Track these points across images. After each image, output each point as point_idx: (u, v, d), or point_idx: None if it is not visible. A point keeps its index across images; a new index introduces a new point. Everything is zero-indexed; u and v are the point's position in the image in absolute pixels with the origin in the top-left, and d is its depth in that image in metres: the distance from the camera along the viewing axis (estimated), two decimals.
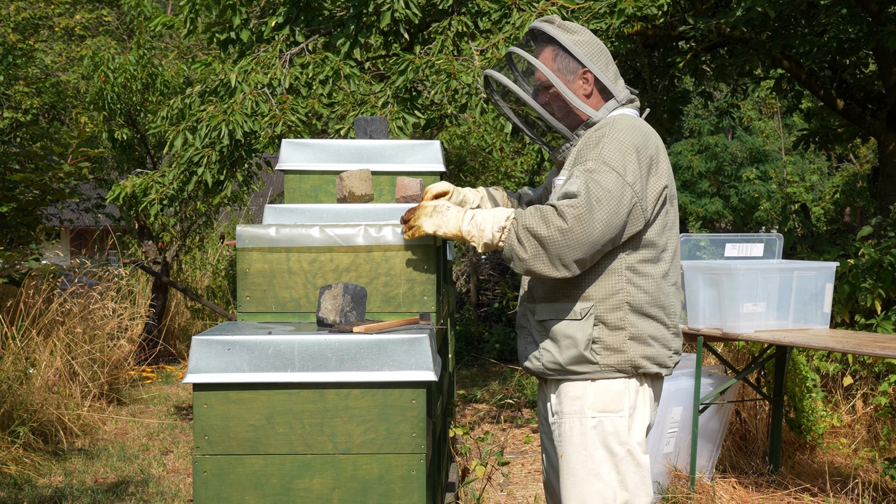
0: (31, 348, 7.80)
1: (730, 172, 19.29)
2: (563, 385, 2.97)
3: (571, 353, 2.92)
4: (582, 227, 2.75)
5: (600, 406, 2.93)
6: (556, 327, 2.94)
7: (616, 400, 2.94)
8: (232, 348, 2.51)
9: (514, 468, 6.56)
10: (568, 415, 2.96)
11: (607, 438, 2.93)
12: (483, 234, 2.86)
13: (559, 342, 2.94)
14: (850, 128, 10.85)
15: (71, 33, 17.33)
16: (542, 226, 2.77)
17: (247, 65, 7.05)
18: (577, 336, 2.91)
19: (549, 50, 3.06)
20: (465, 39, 6.91)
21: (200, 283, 13.77)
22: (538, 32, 3.11)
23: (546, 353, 2.98)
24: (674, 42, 9.70)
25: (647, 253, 2.94)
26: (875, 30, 7.99)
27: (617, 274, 2.91)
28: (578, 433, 2.94)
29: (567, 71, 3.04)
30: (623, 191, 2.81)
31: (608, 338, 2.91)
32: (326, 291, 2.70)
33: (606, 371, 2.92)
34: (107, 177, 12.49)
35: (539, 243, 2.78)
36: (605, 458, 2.92)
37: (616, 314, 2.91)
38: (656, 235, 2.95)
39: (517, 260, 2.82)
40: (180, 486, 6.19)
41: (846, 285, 6.75)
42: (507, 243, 2.83)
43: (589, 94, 3.05)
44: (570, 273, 2.80)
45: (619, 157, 2.85)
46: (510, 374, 10.46)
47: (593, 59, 3.03)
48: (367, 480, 2.53)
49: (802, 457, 6.39)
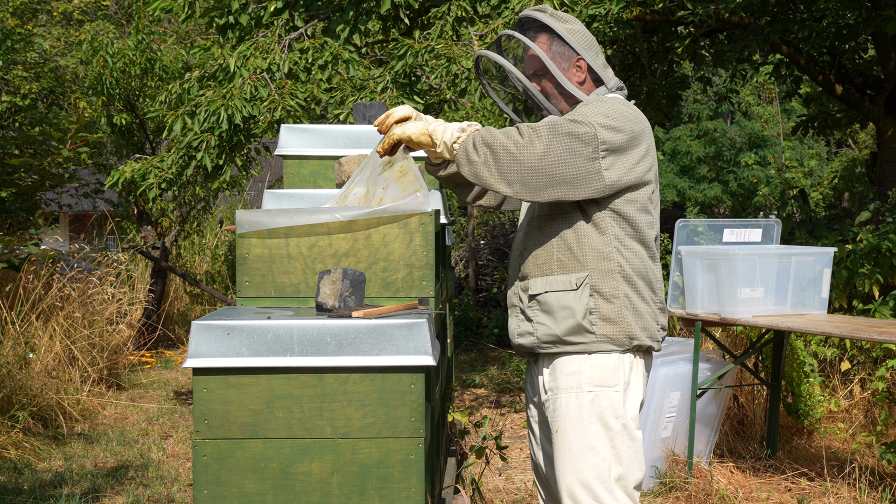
0: (30, 333, 7.81)
1: (728, 157, 19.28)
2: (558, 360, 3.00)
3: (569, 323, 2.94)
4: (534, 149, 2.80)
5: (596, 381, 2.96)
6: (552, 299, 2.96)
7: (612, 374, 2.97)
8: (231, 333, 2.52)
9: (513, 452, 6.58)
10: (564, 390, 2.98)
11: (603, 412, 2.95)
12: (445, 134, 2.92)
13: (556, 314, 2.96)
14: (849, 113, 10.85)
15: (69, 18, 17.29)
16: (500, 137, 2.83)
17: (246, 50, 7.03)
18: (574, 306, 2.93)
19: (544, 37, 3.09)
20: (465, 24, 6.90)
21: (199, 268, 13.78)
22: (530, 20, 3.13)
23: (541, 326, 3.00)
24: (672, 27, 9.68)
25: (630, 228, 2.97)
26: (874, 15, 7.97)
27: (607, 245, 2.94)
28: (575, 408, 2.96)
29: (562, 58, 3.07)
30: (591, 141, 2.83)
31: (605, 307, 2.94)
32: (325, 276, 2.71)
33: (602, 342, 2.95)
34: (106, 162, 12.47)
35: (491, 151, 2.82)
36: (600, 432, 2.95)
37: (610, 283, 2.94)
38: (637, 211, 2.98)
39: (466, 162, 2.87)
40: (180, 471, 6.21)
41: (844, 270, 6.76)
42: (462, 145, 2.89)
43: (582, 81, 3.09)
44: (511, 191, 2.85)
45: (599, 117, 2.88)
46: (509, 358, 10.48)
47: (585, 47, 3.07)
48: (365, 464, 2.54)
49: (800, 441, 6.41)
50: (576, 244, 2.96)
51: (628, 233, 2.97)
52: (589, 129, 2.83)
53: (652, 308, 3.03)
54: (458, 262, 13.89)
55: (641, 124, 2.97)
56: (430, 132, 2.94)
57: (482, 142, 2.85)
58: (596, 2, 7.04)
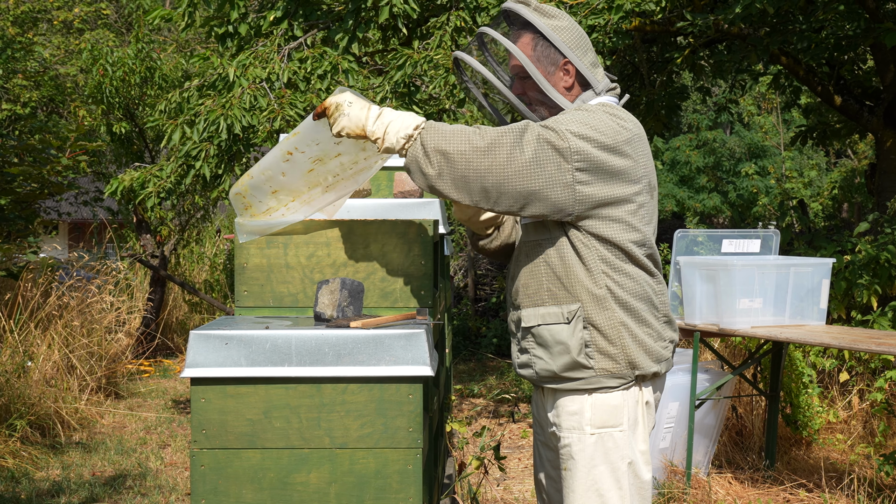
0: (28, 341, 7.80)
1: (728, 168, 19.30)
2: (560, 399, 2.81)
3: (564, 359, 2.74)
4: (497, 155, 2.57)
5: (599, 422, 2.77)
6: (546, 333, 2.76)
7: (615, 414, 2.78)
8: (230, 343, 2.52)
9: (511, 463, 6.57)
10: (567, 430, 2.80)
11: (608, 454, 2.78)
12: (387, 137, 2.62)
13: (551, 348, 2.76)
14: (848, 124, 10.85)
15: (69, 26, 17.31)
16: (455, 140, 2.58)
17: (245, 59, 7.05)
18: (568, 342, 2.73)
19: (528, 37, 2.80)
20: (464, 34, 6.91)
21: (198, 277, 13.78)
22: (513, 14, 2.82)
23: (538, 360, 2.79)
24: (672, 38, 9.70)
25: (617, 250, 2.74)
26: (872, 26, 7.99)
27: (596, 272, 2.71)
28: (578, 450, 2.79)
29: (548, 62, 2.79)
30: (563, 150, 2.59)
31: (601, 340, 2.73)
32: (324, 286, 2.71)
33: (603, 377, 2.74)
34: (105, 170, 12.50)
35: (445, 158, 2.58)
36: (605, 475, 2.78)
37: (604, 313, 2.72)
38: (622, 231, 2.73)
39: (419, 175, 2.62)
40: (178, 480, 6.20)
41: (843, 281, 6.76)
42: (411, 154, 2.62)
43: (570, 86, 2.82)
44: (471, 200, 2.61)
45: (575, 125, 2.63)
46: (507, 368, 10.47)
47: (574, 47, 2.78)
48: (363, 475, 2.54)
49: (798, 452, 6.40)
50: (564, 274, 2.73)
51: (617, 255, 2.73)
52: (560, 137, 2.60)
53: (655, 328, 2.81)
54: (457, 271, 13.89)
55: (627, 133, 2.71)
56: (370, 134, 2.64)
57: (434, 149, 2.59)
58: (595, 12, 7.05)
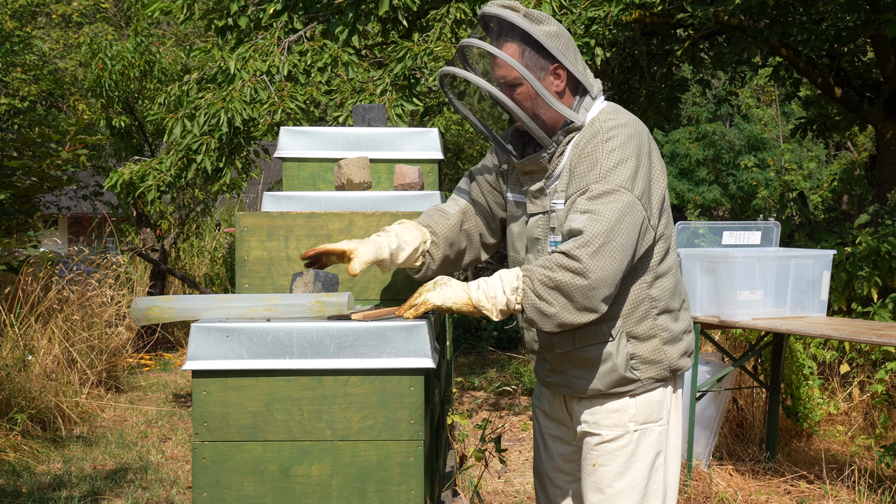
0: (29, 336, 7.80)
1: (728, 160, 19.29)
2: (599, 401, 2.81)
3: (612, 377, 2.74)
4: (599, 263, 2.51)
5: (642, 418, 2.79)
6: (587, 354, 2.74)
7: (657, 410, 2.81)
8: (231, 335, 2.52)
9: (512, 455, 6.57)
10: (606, 427, 2.79)
11: (648, 449, 2.80)
12: (497, 301, 2.58)
13: (594, 369, 2.75)
14: (848, 116, 10.85)
15: (68, 20, 17.29)
16: (560, 273, 2.52)
17: (245, 52, 7.04)
18: (615, 360, 2.72)
19: (515, 44, 2.67)
20: (464, 27, 6.90)
21: (198, 270, 13.78)
22: (499, 20, 2.67)
23: (580, 381, 2.78)
24: (672, 30, 9.69)
25: (658, 253, 2.75)
26: (873, 18, 7.98)
27: (635, 283, 2.72)
28: (619, 445, 2.78)
29: (537, 67, 2.67)
30: (633, 208, 2.59)
31: (644, 351, 2.74)
32: (298, 278, 2.70)
33: (648, 383, 2.78)
34: (105, 164, 12.48)
35: (561, 293, 2.52)
36: (642, 471, 2.79)
37: (644, 324, 2.73)
38: (661, 231, 2.75)
39: (543, 318, 2.55)
40: (179, 473, 6.20)
41: (843, 273, 6.76)
42: (528, 303, 2.56)
43: (561, 91, 2.71)
44: (598, 314, 2.56)
45: (621, 172, 2.60)
46: (508, 361, 10.48)
47: (564, 52, 2.68)
48: (365, 467, 2.54)
49: (799, 444, 6.41)
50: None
51: (656, 259, 2.75)
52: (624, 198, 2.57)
53: (684, 319, 2.85)
54: None
55: (646, 140, 2.70)
56: (476, 304, 2.59)
57: (545, 289, 2.53)
58: (595, 4, 7.04)
